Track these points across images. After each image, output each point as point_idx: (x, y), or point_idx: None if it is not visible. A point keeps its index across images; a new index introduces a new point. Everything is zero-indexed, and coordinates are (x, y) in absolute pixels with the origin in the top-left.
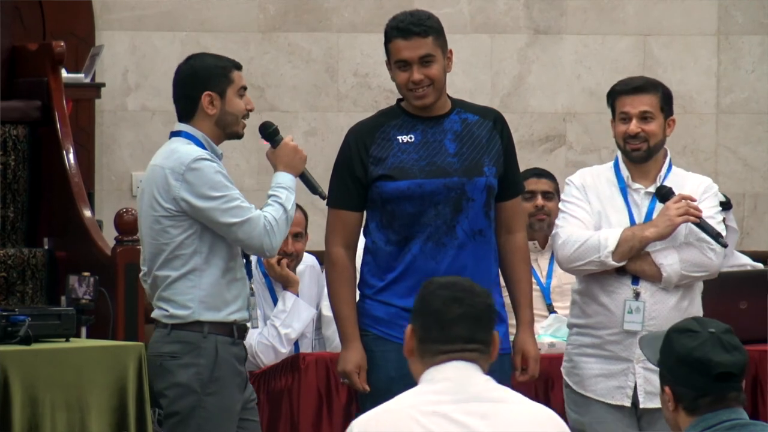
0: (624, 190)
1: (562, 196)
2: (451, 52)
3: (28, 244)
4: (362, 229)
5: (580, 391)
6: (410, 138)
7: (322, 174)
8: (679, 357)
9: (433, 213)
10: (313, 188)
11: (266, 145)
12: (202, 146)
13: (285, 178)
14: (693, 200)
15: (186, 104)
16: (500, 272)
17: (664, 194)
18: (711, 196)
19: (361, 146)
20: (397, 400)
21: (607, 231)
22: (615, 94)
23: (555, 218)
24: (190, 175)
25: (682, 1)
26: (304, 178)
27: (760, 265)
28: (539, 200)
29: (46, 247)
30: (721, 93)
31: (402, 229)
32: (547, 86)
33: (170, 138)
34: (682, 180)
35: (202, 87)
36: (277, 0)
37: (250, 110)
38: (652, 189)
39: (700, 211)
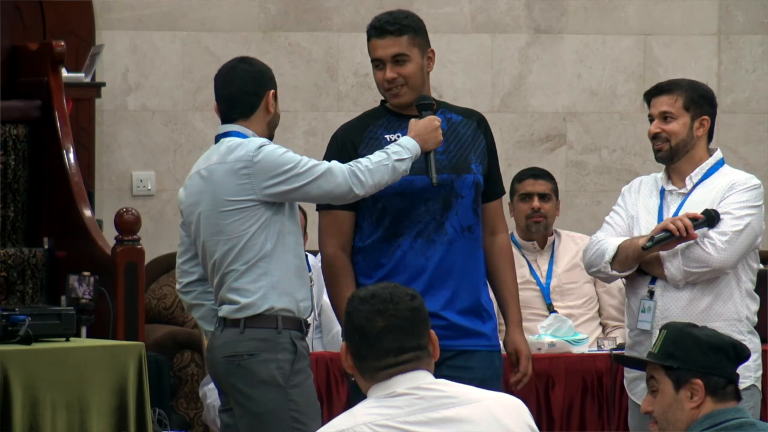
0: (662, 192)
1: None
2: (432, 51)
3: (28, 244)
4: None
5: (628, 394)
6: (397, 136)
7: None
8: (711, 345)
9: (422, 209)
10: (430, 171)
11: None
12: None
13: (407, 141)
14: (693, 218)
15: (248, 101)
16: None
17: (711, 216)
18: (737, 192)
19: (350, 146)
20: (350, 416)
21: (613, 240)
22: (647, 97)
23: (552, 220)
24: (261, 163)
25: (682, 1)
26: (427, 157)
27: (760, 266)
28: (535, 202)
29: (46, 246)
30: (721, 93)
31: (392, 225)
32: (547, 86)
33: (216, 141)
34: (718, 180)
35: (267, 85)
36: (277, 0)
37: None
38: (684, 190)
39: (690, 234)
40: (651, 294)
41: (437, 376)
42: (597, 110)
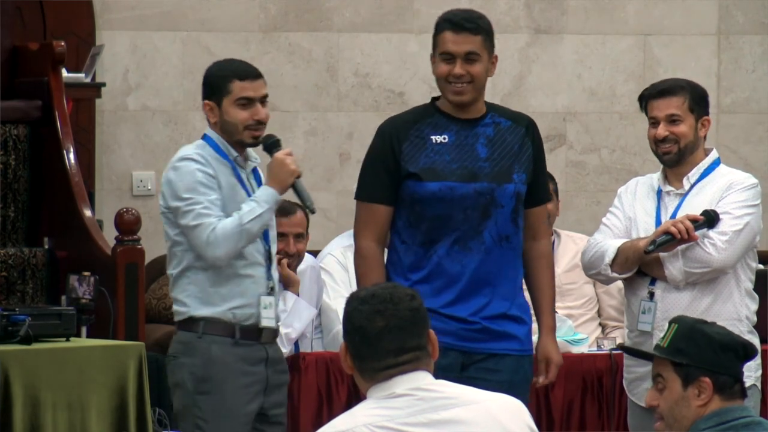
0: (659, 194)
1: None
2: (496, 57)
3: (29, 244)
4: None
5: (628, 395)
6: (444, 139)
7: (323, 173)
8: (722, 344)
9: (461, 217)
10: (303, 200)
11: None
12: (217, 148)
13: (262, 192)
14: (693, 220)
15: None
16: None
17: (710, 216)
18: (735, 192)
19: (395, 141)
20: (350, 417)
21: (612, 242)
22: (645, 99)
23: (552, 220)
24: (171, 174)
25: (682, 1)
26: (296, 189)
27: (759, 266)
28: None
29: (47, 246)
30: (721, 93)
31: (429, 230)
32: (547, 86)
33: None
34: (715, 180)
35: (204, 96)
36: (277, 0)
37: (259, 120)
38: (681, 191)
39: (691, 236)
40: (651, 295)
41: (466, 377)
42: (597, 110)
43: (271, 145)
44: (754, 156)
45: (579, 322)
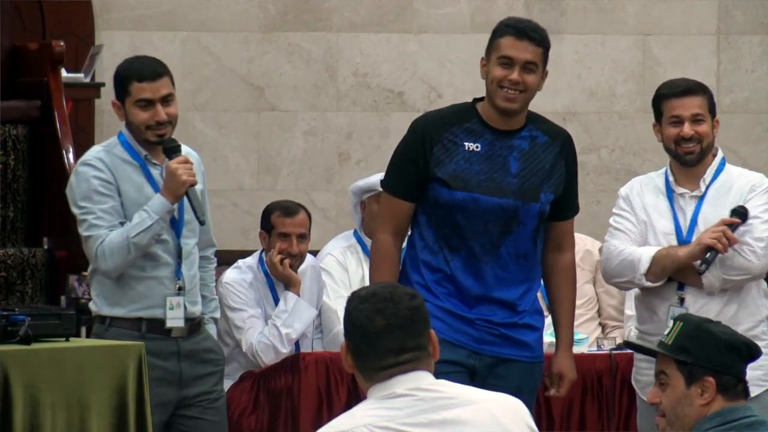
0: (670, 195)
1: (613, 209)
2: (546, 73)
3: (28, 244)
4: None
5: (642, 397)
6: (477, 147)
7: (322, 173)
8: (727, 344)
9: (481, 229)
10: (194, 211)
11: (269, 146)
12: (128, 146)
13: (154, 201)
14: (734, 223)
15: None
16: (545, 288)
17: (742, 214)
18: (759, 194)
19: (427, 141)
20: (349, 417)
21: (643, 250)
22: (662, 98)
23: None
24: (72, 178)
25: (682, 1)
26: (189, 199)
27: None
28: None
29: (46, 246)
30: (721, 93)
31: (448, 236)
32: (547, 86)
33: None
34: (731, 181)
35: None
36: (277, 0)
37: (159, 122)
38: (697, 193)
39: (733, 241)
40: (681, 301)
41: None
42: (596, 110)
43: (169, 151)
44: (754, 156)
45: (579, 322)
